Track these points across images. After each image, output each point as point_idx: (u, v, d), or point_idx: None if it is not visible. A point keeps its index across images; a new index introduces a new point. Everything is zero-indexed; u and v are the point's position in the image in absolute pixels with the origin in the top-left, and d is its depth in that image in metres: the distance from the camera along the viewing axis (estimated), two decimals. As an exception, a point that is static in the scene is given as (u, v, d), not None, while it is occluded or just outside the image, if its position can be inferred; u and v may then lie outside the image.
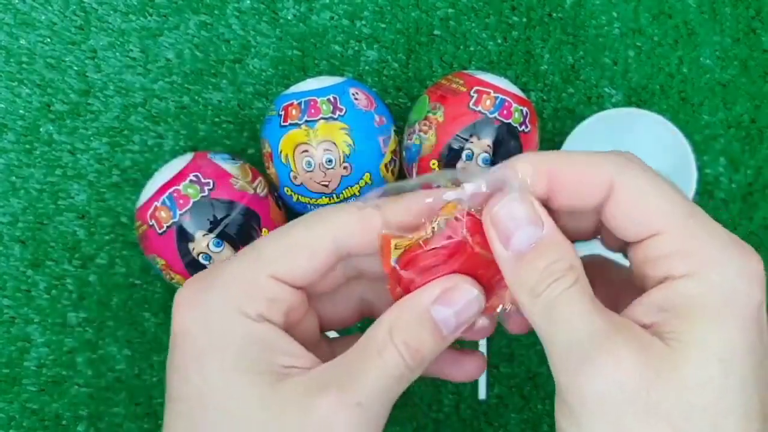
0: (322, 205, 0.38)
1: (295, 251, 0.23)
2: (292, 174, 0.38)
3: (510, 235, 0.21)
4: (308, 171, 0.37)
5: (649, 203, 0.21)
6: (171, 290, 0.43)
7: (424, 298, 0.22)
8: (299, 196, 0.38)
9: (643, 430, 0.19)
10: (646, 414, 0.18)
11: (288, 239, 0.23)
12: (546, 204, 0.22)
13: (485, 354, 0.44)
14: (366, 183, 0.38)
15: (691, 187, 0.41)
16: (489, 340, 0.44)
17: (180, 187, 0.36)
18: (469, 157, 0.37)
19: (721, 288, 0.19)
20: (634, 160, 0.22)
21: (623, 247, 0.24)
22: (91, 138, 0.43)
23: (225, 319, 0.22)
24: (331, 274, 0.25)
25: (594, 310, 0.20)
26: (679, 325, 0.19)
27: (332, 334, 0.36)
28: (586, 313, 0.20)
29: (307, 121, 0.37)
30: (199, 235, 0.36)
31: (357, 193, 0.38)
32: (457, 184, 0.23)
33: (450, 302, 0.22)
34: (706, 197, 0.45)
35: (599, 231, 0.25)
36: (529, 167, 0.22)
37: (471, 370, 0.27)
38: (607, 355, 0.19)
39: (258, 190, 0.38)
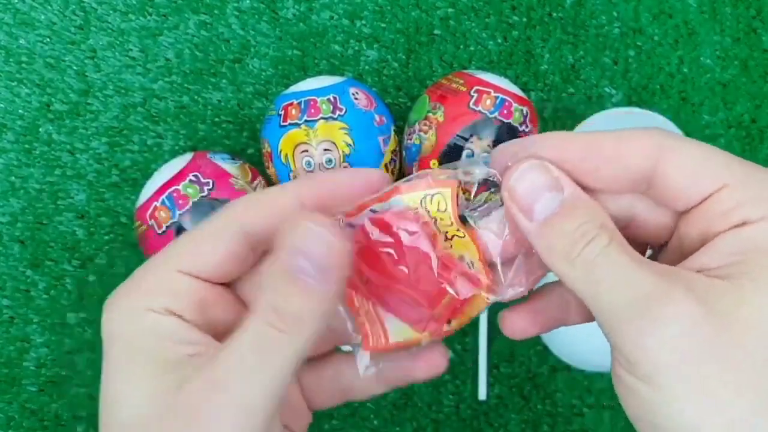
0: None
1: (198, 243, 0.22)
2: (291, 174, 0.37)
3: (531, 207, 0.20)
4: (308, 171, 0.37)
5: (706, 160, 0.20)
6: (171, 290, 0.43)
7: (279, 251, 0.20)
8: (299, 196, 0.38)
9: (722, 379, 0.18)
10: (721, 360, 0.18)
11: (195, 232, 0.23)
12: (583, 186, 0.21)
13: (486, 353, 0.44)
14: (366, 183, 0.38)
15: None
16: (489, 340, 0.44)
17: (179, 187, 0.36)
18: (470, 157, 0.37)
19: None
20: (673, 132, 0.21)
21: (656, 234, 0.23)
22: (91, 138, 0.43)
23: (131, 316, 0.21)
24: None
25: (637, 264, 0.19)
26: (752, 267, 0.19)
27: None
28: (630, 269, 0.19)
29: (306, 120, 0.37)
30: (198, 235, 0.36)
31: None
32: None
33: (296, 246, 0.20)
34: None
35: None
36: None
37: (433, 361, 0.25)
38: (663, 307, 0.18)
39: (258, 190, 0.38)
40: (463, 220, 0.23)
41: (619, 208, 0.22)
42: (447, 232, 0.22)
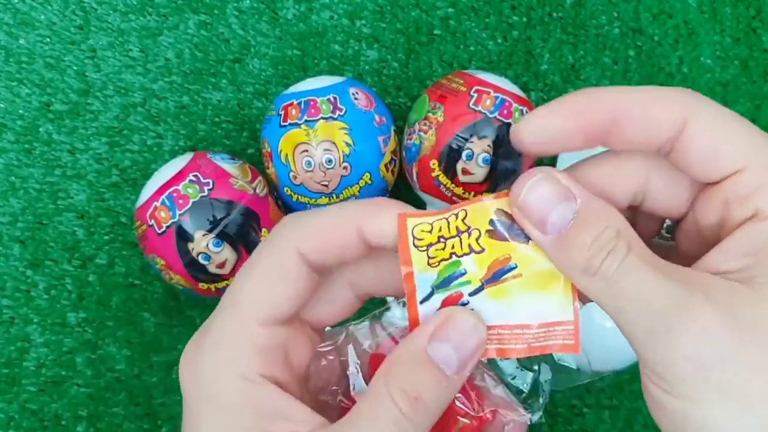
0: (322, 206, 0.38)
1: (267, 286, 0.21)
2: (291, 174, 0.37)
3: (544, 220, 0.20)
4: (308, 171, 0.37)
5: (731, 136, 0.19)
6: (170, 290, 0.43)
7: (420, 337, 0.20)
8: (299, 196, 0.38)
9: (748, 385, 0.17)
10: (746, 367, 0.17)
11: (258, 272, 0.21)
12: (603, 142, 0.21)
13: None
14: (366, 183, 0.38)
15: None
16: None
17: (179, 187, 0.36)
18: (470, 157, 0.37)
19: None
20: (705, 97, 0.20)
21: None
22: (91, 138, 0.43)
23: (219, 382, 0.20)
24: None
25: (660, 273, 0.18)
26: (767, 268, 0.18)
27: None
28: (653, 281, 0.18)
29: (307, 120, 0.37)
30: (198, 235, 0.36)
31: (357, 194, 0.38)
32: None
33: (446, 336, 0.20)
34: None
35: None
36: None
37: None
38: (683, 319, 0.18)
39: (258, 190, 0.38)
40: None
41: (636, 183, 0.22)
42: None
